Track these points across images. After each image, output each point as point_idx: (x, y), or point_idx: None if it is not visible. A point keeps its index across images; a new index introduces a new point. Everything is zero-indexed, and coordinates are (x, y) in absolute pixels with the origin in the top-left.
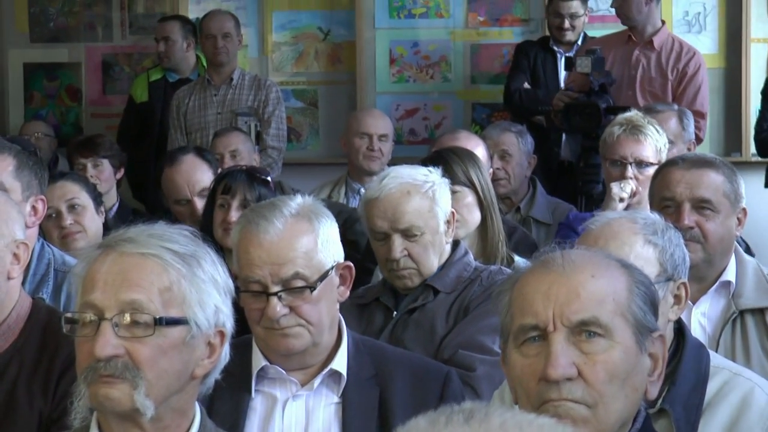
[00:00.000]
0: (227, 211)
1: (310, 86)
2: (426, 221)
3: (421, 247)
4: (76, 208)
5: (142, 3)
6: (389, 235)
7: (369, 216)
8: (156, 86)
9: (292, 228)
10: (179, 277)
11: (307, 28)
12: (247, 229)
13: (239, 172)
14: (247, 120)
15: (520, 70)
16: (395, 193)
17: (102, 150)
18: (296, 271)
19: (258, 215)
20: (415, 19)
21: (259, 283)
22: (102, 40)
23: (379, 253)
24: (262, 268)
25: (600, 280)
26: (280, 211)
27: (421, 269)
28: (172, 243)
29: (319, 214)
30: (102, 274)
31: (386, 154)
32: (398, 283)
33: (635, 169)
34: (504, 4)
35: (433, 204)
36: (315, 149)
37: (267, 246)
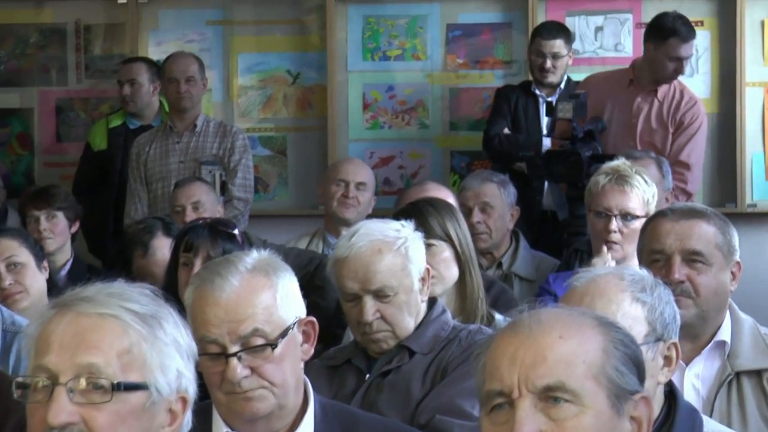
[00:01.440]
0: (191, 269)
1: (279, 133)
2: (399, 280)
3: (395, 307)
4: (16, 267)
5: (99, 44)
6: (360, 296)
7: (338, 276)
8: (116, 133)
9: (249, 284)
10: (139, 339)
11: (276, 71)
12: (202, 288)
13: (201, 227)
14: (212, 169)
15: (500, 115)
16: (365, 252)
17: (57, 201)
18: (255, 328)
19: (212, 273)
20: (390, 61)
21: (216, 343)
22: (56, 83)
23: (350, 315)
24: (220, 327)
25: (569, 342)
26: (236, 267)
27: (396, 331)
28: (132, 303)
29: (277, 268)
30: (57, 336)
31: (363, 204)
32: (372, 347)
33: (620, 221)
34: (484, 46)
35: (406, 261)
36: (284, 200)
37: (224, 304)
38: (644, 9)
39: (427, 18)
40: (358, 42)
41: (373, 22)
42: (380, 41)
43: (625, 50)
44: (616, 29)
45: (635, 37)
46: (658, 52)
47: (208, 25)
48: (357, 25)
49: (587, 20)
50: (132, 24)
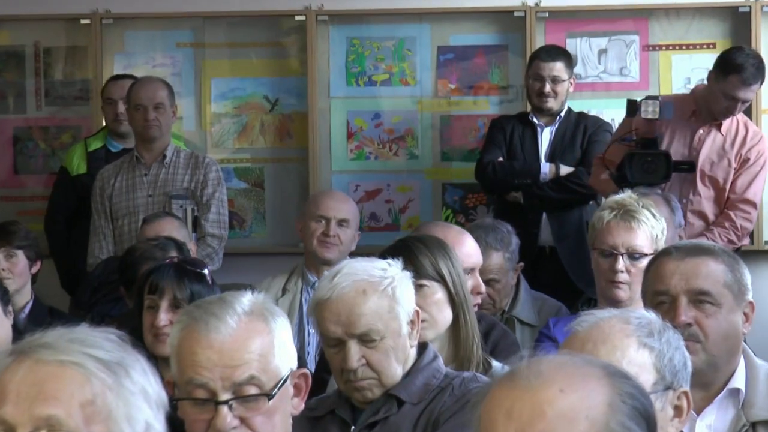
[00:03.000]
0: (156, 313)
1: (256, 164)
2: (386, 323)
3: (382, 353)
4: None
5: (60, 69)
6: (344, 341)
7: (320, 320)
8: (96, 156)
9: (246, 327)
10: (104, 389)
11: (252, 97)
12: (194, 328)
13: (167, 267)
14: (183, 203)
15: (494, 143)
16: (349, 293)
17: (16, 239)
18: (251, 375)
19: (206, 312)
20: (376, 86)
21: (205, 388)
22: (13, 111)
23: (333, 362)
24: (212, 371)
25: (570, 396)
26: (232, 307)
27: (382, 379)
28: (95, 349)
29: (274, 313)
30: (14, 385)
31: (345, 242)
32: (356, 396)
33: (627, 260)
34: (478, 70)
35: (394, 303)
36: (261, 237)
37: (218, 347)
38: (651, 30)
39: (415, 40)
40: (341, 66)
41: (358, 44)
42: (365, 65)
43: (632, 75)
44: (621, 52)
45: (642, 61)
46: (716, 85)
47: (179, 47)
48: (340, 48)
49: (590, 42)
50: (95, 46)
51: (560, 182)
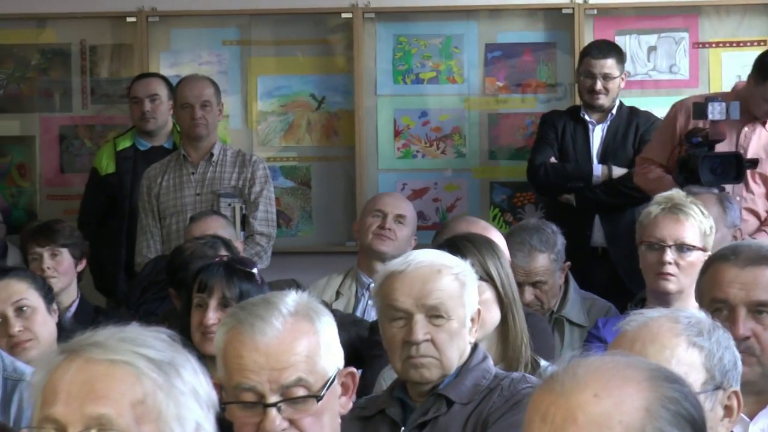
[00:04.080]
0: (205, 312)
1: (302, 163)
2: (455, 306)
3: (446, 334)
4: (25, 311)
5: (106, 67)
6: (412, 314)
7: (388, 292)
8: (124, 156)
9: (292, 328)
10: (155, 389)
11: (298, 95)
12: (239, 330)
13: (217, 266)
14: (231, 202)
15: (546, 142)
16: (424, 269)
17: (61, 238)
18: (299, 377)
19: (251, 314)
20: (423, 84)
21: (253, 391)
22: (59, 109)
23: (395, 338)
24: (259, 374)
25: (604, 401)
26: (278, 309)
27: (443, 360)
28: (146, 348)
29: (320, 312)
30: (65, 384)
31: (401, 239)
32: (413, 374)
33: (675, 253)
34: (526, 68)
35: (463, 291)
36: (307, 236)
37: (264, 349)
38: (701, 27)
39: (463, 37)
40: (388, 63)
41: (405, 41)
42: (412, 63)
43: (681, 72)
44: (670, 49)
45: (692, 58)
46: (755, 88)
47: (225, 45)
48: (387, 45)
49: (639, 39)
50: (141, 44)
51: (613, 186)
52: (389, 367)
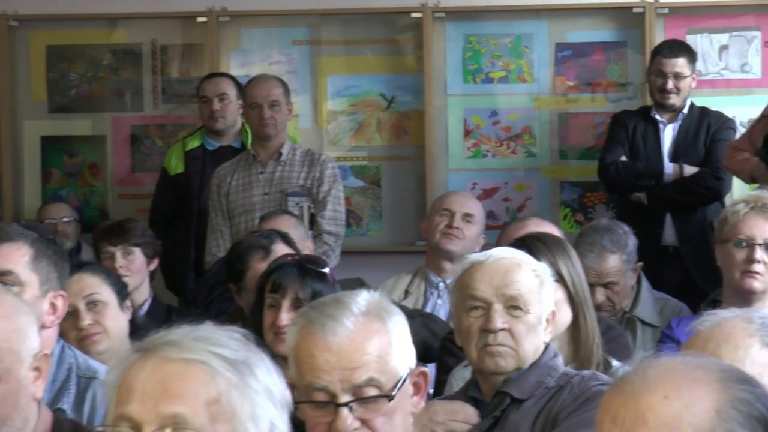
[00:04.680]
0: (278, 311)
1: (372, 162)
2: (533, 300)
3: (524, 325)
4: (96, 305)
5: (177, 67)
6: (491, 303)
7: (468, 282)
8: (193, 156)
9: (363, 328)
10: (229, 388)
11: (368, 94)
12: (310, 330)
13: (289, 266)
14: (299, 201)
15: (616, 141)
16: (505, 261)
17: (133, 237)
18: (370, 377)
19: (322, 314)
20: (493, 83)
21: (325, 391)
22: (131, 109)
23: (472, 327)
24: (330, 374)
25: (674, 403)
26: (349, 308)
27: (519, 351)
28: (221, 348)
29: (391, 312)
30: (140, 383)
31: (469, 237)
32: (489, 363)
33: (764, 251)
34: (596, 67)
35: (541, 288)
36: (377, 235)
37: (336, 349)
38: None
39: (533, 37)
40: (458, 63)
41: (475, 41)
42: (482, 62)
43: (753, 71)
44: (742, 48)
45: (764, 57)
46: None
47: (295, 44)
48: (457, 45)
49: (710, 38)
50: (212, 44)
51: (684, 184)
52: (460, 366)
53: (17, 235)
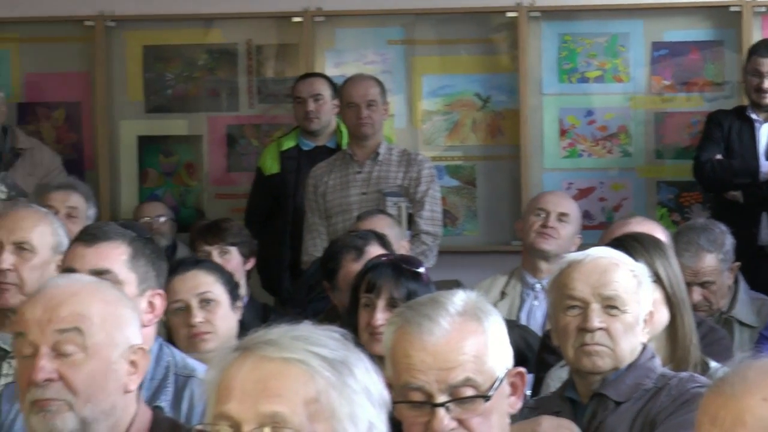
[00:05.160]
0: (373, 311)
1: (467, 162)
2: (630, 300)
3: (621, 325)
4: (209, 304)
5: (272, 66)
6: (588, 303)
7: (566, 282)
8: (288, 156)
9: (460, 328)
10: (327, 387)
11: (463, 94)
12: (406, 330)
13: (384, 265)
14: (397, 201)
15: (712, 140)
16: (603, 261)
17: (230, 236)
18: (467, 377)
19: (418, 314)
20: (589, 83)
21: (421, 391)
22: (226, 109)
23: (569, 327)
24: (427, 374)
25: None
26: (445, 308)
27: (616, 351)
28: (319, 347)
29: (487, 312)
30: (239, 382)
31: (564, 237)
32: (586, 362)
33: None
34: (693, 66)
35: (639, 288)
36: (473, 235)
37: (432, 349)
38: None
39: (629, 36)
40: (553, 62)
41: (570, 40)
42: (578, 61)
43: None
44: None
45: None
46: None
47: (390, 44)
48: (552, 44)
49: None
50: (307, 44)
51: None
52: (557, 367)
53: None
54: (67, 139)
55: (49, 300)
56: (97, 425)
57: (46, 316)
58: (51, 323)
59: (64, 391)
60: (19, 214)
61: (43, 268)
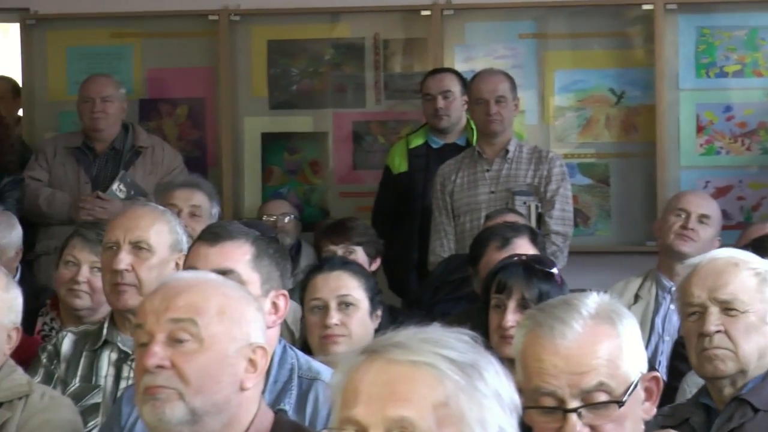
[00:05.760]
0: (503, 313)
1: (600, 159)
2: (751, 299)
3: (742, 325)
4: (348, 307)
5: (399, 61)
6: (706, 307)
7: (685, 287)
8: (416, 154)
9: (593, 331)
10: (457, 391)
11: (596, 89)
12: (538, 333)
13: (515, 266)
14: (527, 200)
15: None
16: (720, 263)
17: (355, 235)
18: (600, 381)
19: (550, 317)
20: (727, 78)
21: (553, 396)
22: (352, 105)
23: (690, 332)
24: (559, 379)
25: None
26: (578, 311)
27: (738, 353)
28: (449, 350)
29: (622, 315)
30: (366, 385)
31: (704, 239)
32: (708, 367)
33: None
34: None
35: (763, 287)
36: (605, 235)
37: (565, 352)
38: None
39: None
40: (690, 56)
41: (708, 33)
42: (716, 55)
43: None
44: None
45: None
46: None
47: (521, 38)
48: (689, 38)
49: None
50: (436, 39)
51: None
52: (692, 372)
53: (239, 233)
54: (189, 136)
55: (168, 290)
56: (208, 418)
57: (163, 305)
58: (167, 312)
59: (175, 380)
60: (136, 213)
61: (161, 268)
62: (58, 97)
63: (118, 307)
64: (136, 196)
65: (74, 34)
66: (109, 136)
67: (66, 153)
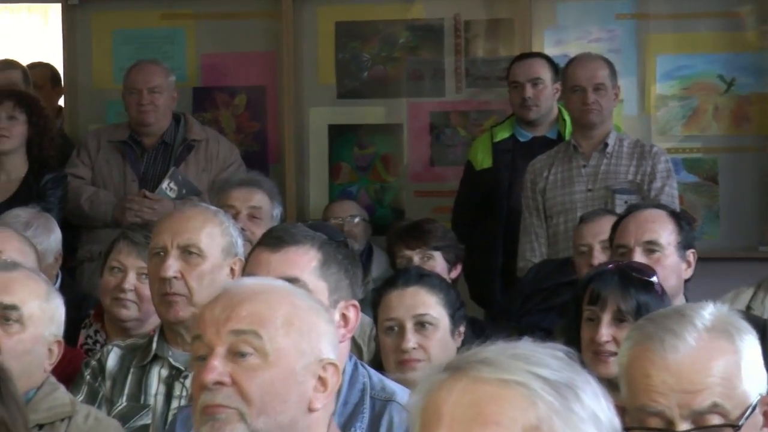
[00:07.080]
0: (596, 326)
1: (708, 154)
2: None
3: None
4: (426, 328)
5: (482, 45)
6: None
7: None
8: (501, 148)
9: (708, 346)
10: (550, 413)
11: (703, 76)
12: (646, 346)
13: (610, 274)
14: (627, 199)
15: None
16: None
17: (433, 239)
18: (714, 402)
19: (661, 328)
20: None
21: (661, 416)
22: (430, 94)
23: None
24: (668, 397)
25: None
26: (692, 323)
27: None
28: (542, 368)
29: (741, 329)
30: (449, 406)
31: None
32: None
33: None
34: None
35: None
36: (713, 239)
37: (675, 368)
38: None
39: None
40: None
41: None
42: None
43: None
44: None
45: None
46: None
47: (618, 19)
48: None
49: None
50: (523, 20)
51: None
52: None
53: (304, 237)
54: (248, 129)
55: (230, 298)
56: None
57: (224, 315)
58: (228, 323)
59: (235, 398)
60: (185, 215)
61: (214, 275)
62: (104, 86)
63: (168, 320)
64: (188, 195)
65: (121, 16)
66: (158, 129)
67: (111, 147)
